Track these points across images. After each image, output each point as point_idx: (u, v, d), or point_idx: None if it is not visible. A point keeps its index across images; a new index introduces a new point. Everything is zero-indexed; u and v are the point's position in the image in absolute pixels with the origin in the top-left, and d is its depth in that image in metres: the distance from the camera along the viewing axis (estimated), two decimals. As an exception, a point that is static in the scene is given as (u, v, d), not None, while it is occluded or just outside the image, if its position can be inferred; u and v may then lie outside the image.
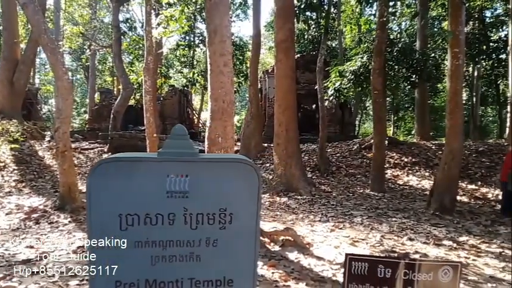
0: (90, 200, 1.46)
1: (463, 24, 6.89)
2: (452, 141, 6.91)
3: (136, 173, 1.48)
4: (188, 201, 1.50)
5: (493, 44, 17.18)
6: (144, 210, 1.48)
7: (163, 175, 1.48)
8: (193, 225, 1.52)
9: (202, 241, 1.53)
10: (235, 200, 1.56)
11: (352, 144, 13.04)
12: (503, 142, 12.34)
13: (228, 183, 1.55)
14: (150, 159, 1.53)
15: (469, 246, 4.99)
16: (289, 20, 8.74)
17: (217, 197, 1.54)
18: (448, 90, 7.08)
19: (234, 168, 1.57)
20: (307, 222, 6.06)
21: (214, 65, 4.53)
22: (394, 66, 10.71)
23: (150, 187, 1.49)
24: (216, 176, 1.54)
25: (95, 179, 1.46)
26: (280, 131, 8.78)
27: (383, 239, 5.15)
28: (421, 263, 1.94)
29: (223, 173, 1.55)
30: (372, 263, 1.94)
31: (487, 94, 22.03)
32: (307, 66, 17.38)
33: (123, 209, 1.47)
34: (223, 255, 1.56)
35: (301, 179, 8.72)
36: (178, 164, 1.51)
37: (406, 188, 9.59)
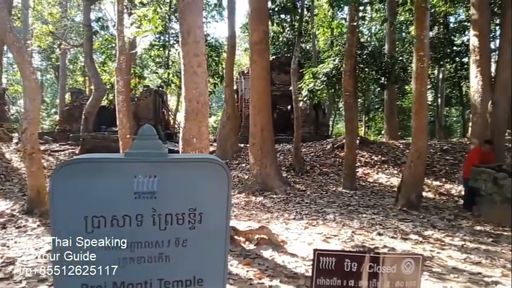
0: (53, 202, 1.43)
1: (428, 29, 7.20)
2: (417, 140, 7.20)
3: (102, 174, 1.46)
4: (157, 202, 1.50)
5: (457, 48, 17.88)
6: (111, 212, 1.47)
7: (130, 176, 1.48)
8: (162, 226, 1.52)
9: (171, 241, 1.53)
10: (205, 200, 1.57)
11: (325, 144, 13.31)
12: (466, 141, 12.90)
13: (197, 183, 1.56)
14: (117, 160, 1.53)
15: (434, 240, 5.23)
16: (263, 22, 8.86)
17: (187, 197, 1.54)
18: (413, 92, 7.38)
19: (203, 168, 1.59)
20: (282, 220, 6.18)
21: (188, 65, 4.57)
22: (364, 68, 11.02)
23: (117, 188, 1.47)
24: (185, 176, 1.55)
25: (59, 181, 1.43)
26: (255, 131, 8.88)
27: (354, 235, 5.32)
28: (385, 257, 2.04)
29: (192, 172, 1.57)
30: (339, 258, 2.01)
31: (451, 95, 22.91)
32: (282, 67, 17.60)
33: (89, 211, 1.45)
34: (193, 255, 1.57)
35: (277, 179, 8.86)
36: (146, 164, 1.51)
37: (376, 185, 9.90)
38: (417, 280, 1.97)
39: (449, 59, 17.75)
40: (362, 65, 10.97)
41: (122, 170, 1.52)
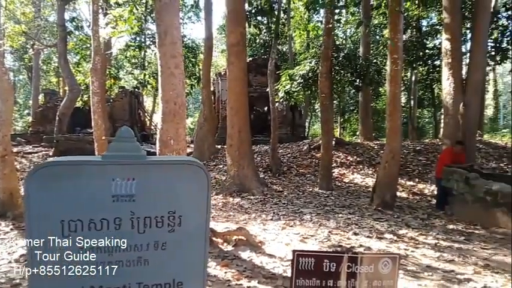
0: (29, 205, 1.40)
1: (402, 32, 7.39)
2: (392, 141, 7.37)
3: (79, 177, 1.44)
4: (135, 205, 1.48)
5: (429, 51, 18.44)
6: (89, 216, 1.44)
7: (108, 179, 1.46)
8: (140, 229, 1.50)
9: (150, 245, 1.52)
10: (184, 202, 1.56)
11: (302, 145, 13.44)
12: (438, 142, 13.31)
13: (176, 186, 1.55)
14: (95, 163, 1.50)
15: (408, 239, 5.35)
16: (240, 24, 8.87)
17: (166, 200, 1.53)
18: (387, 94, 7.55)
19: (182, 170, 1.58)
20: (260, 221, 6.20)
21: (165, 66, 4.53)
22: (340, 71, 11.21)
23: (94, 191, 1.45)
24: (164, 179, 1.54)
25: (35, 184, 1.40)
26: (233, 132, 8.88)
27: (330, 235, 5.39)
28: (363, 256, 2.07)
29: (171, 175, 1.55)
30: (318, 258, 2.03)
31: (424, 97, 23.61)
32: (259, 69, 17.67)
33: (66, 215, 1.42)
34: (172, 258, 1.55)
35: (254, 180, 8.88)
36: (125, 167, 1.49)
37: (351, 185, 10.07)
38: (394, 279, 2.01)
39: (421, 62, 18.27)
40: (338, 67, 11.16)
41: (100, 173, 1.49)
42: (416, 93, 22.82)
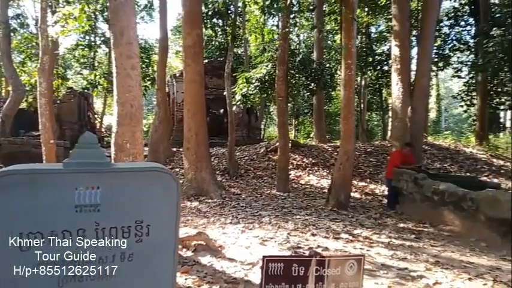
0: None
1: (355, 39, 7.68)
2: (346, 144, 7.62)
3: (39, 187, 1.34)
4: (100, 215, 1.41)
5: (378, 57, 19.35)
6: (49, 228, 1.35)
7: (71, 188, 1.37)
8: (106, 241, 1.43)
9: (116, 256, 1.45)
10: (152, 211, 1.50)
11: (259, 147, 13.53)
12: (387, 143, 13.97)
13: (144, 194, 1.49)
14: (55, 171, 1.41)
15: (363, 238, 5.53)
16: (197, 25, 8.77)
17: (133, 209, 1.47)
18: (342, 98, 7.80)
19: (150, 178, 1.52)
20: (219, 225, 6.14)
21: (121, 67, 4.35)
22: (295, 74, 11.44)
23: (55, 202, 1.36)
24: (131, 187, 1.47)
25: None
26: (189, 135, 8.74)
27: (289, 236, 5.44)
28: (331, 259, 2.11)
29: (138, 183, 1.49)
30: (286, 263, 2.03)
31: (372, 101, 24.74)
32: (215, 71, 17.60)
33: (25, 227, 1.32)
34: (140, 270, 1.49)
35: (212, 183, 8.79)
36: (88, 175, 1.41)
37: (307, 187, 10.28)
38: (359, 280, 2.06)
39: (371, 67, 19.09)
40: (293, 71, 11.38)
41: (61, 182, 1.39)
42: (366, 97, 23.85)
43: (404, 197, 7.39)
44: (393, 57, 9.51)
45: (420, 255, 4.75)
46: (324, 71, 12.13)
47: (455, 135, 22.75)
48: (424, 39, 9.43)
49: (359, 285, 2.05)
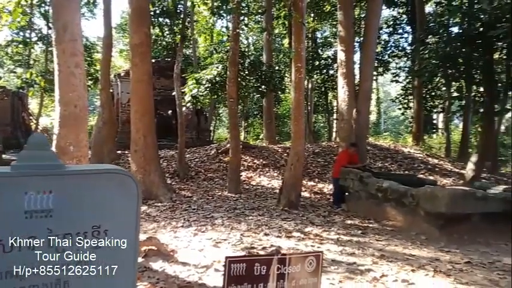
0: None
1: (304, 42, 7.90)
2: (296, 145, 7.80)
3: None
4: (53, 221, 1.31)
5: (324, 62, 20.07)
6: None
7: (20, 192, 1.27)
8: (59, 248, 1.33)
9: (71, 265, 1.36)
10: (111, 215, 1.43)
11: (209, 149, 13.42)
12: (333, 144, 14.51)
13: (101, 197, 1.41)
14: (2, 175, 1.28)
15: (314, 236, 5.68)
16: (144, 23, 8.51)
17: (89, 213, 1.39)
18: (292, 100, 7.98)
19: (108, 180, 1.44)
20: (170, 229, 6.00)
21: (64, 65, 4.11)
22: (245, 76, 11.50)
23: (3, 208, 1.25)
24: (87, 190, 1.39)
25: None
26: (137, 137, 8.45)
27: (243, 237, 5.46)
28: (291, 257, 2.14)
29: (95, 186, 1.41)
30: (249, 263, 2.03)
31: (319, 104, 25.60)
32: (162, 72, 17.18)
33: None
34: (98, 278, 1.41)
35: (161, 186, 8.57)
36: (39, 178, 1.31)
37: (259, 188, 10.37)
38: (318, 276, 2.12)
39: (317, 71, 19.72)
40: (243, 73, 11.43)
41: (9, 186, 1.28)
42: (313, 100, 24.61)
43: (351, 195, 7.71)
44: (339, 61, 9.90)
45: (367, 250, 4.98)
46: (274, 74, 12.32)
47: (394, 136, 24.16)
48: (367, 45, 9.94)
49: (318, 280, 2.11)
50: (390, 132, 31.26)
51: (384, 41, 20.58)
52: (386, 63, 21.01)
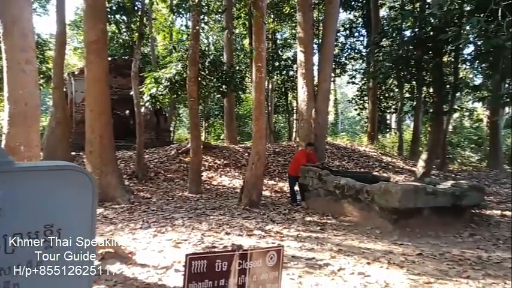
0: None
1: (265, 42, 7.97)
2: (257, 144, 7.86)
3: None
4: (1, 221, 1.26)
5: (284, 62, 20.35)
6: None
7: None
8: (8, 249, 1.28)
9: (22, 266, 1.30)
10: (65, 214, 1.38)
11: (169, 149, 13.20)
12: (293, 144, 14.76)
13: (54, 195, 1.36)
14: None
15: (274, 233, 5.77)
16: (100, 19, 8.22)
17: (41, 212, 1.34)
18: (253, 100, 8.03)
19: (61, 177, 1.39)
20: (128, 231, 5.85)
21: (13, 61, 3.92)
22: (206, 76, 11.43)
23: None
24: (39, 188, 1.34)
25: None
26: (93, 137, 8.15)
27: (204, 237, 5.44)
28: (252, 252, 2.16)
29: (47, 183, 1.36)
30: (210, 260, 2.03)
31: (279, 104, 25.94)
32: (120, 70, 16.67)
33: None
34: (51, 280, 1.36)
35: (119, 187, 8.32)
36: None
37: (220, 187, 10.34)
38: (279, 270, 2.16)
39: (278, 72, 19.96)
40: (204, 73, 11.35)
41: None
42: (273, 100, 24.89)
43: (310, 193, 7.88)
44: (299, 62, 10.09)
45: (325, 245, 5.13)
46: (235, 74, 12.33)
47: (350, 136, 24.97)
48: (325, 46, 10.20)
49: (278, 274, 2.15)
50: (347, 132, 32.24)
51: (341, 44, 21.23)
52: (343, 65, 21.69)
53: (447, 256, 4.73)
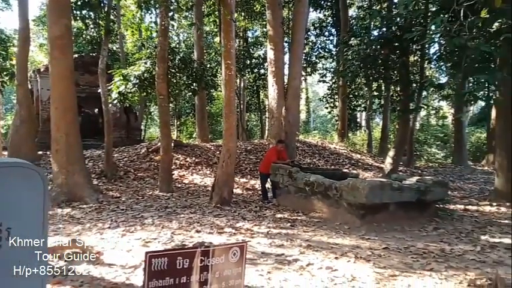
0: None
1: (234, 40, 7.96)
2: (228, 142, 7.85)
3: None
4: None
5: (255, 60, 20.39)
6: None
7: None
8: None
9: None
10: (14, 212, 1.34)
11: (139, 148, 12.97)
12: (265, 142, 14.84)
13: (3, 193, 1.32)
14: None
15: (245, 230, 5.79)
16: (64, 14, 7.95)
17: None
18: (223, 97, 8.01)
19: (11, 175, 1.35)
20: (96, 231, 5.71)
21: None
22: (176, 73, 11.29)
23: None
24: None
25: None
26: (58, 136, 7.90)
27: (173, 235, 5.39)
28: (215, 248, 2.15)
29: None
30: (171, 257, 2.01)
31: (251, 102, 25.99)
32: (87, 67, 16.23)
33: None
34: (0, 280, 1.32)
35: (86, 187, 8.10)
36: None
37: (191, 186, 10.26)
38: (242, 266, 2.17)
39: (249, 70, 19.98)
40: (174, 70, 11.22)
41: None
42: (245, 99, 24.89)
43: (280, 190, 7.95)
44: (269, 60, 10.14)
45: (295, 241, 5.19)
46: (205, 71, 12.25)
47: (322, 134, 25.36)
48: (295, 44, 10.30)
49: (242, 270, 2.16)
50: (319, 130, 32.70)
51: (312, 43, 21.49)
52: (314, 63, 21.97)
53: (412, 249, 4.89)
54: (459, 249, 4.93)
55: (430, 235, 5.74)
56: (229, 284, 2.10)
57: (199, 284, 2.03)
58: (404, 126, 11.97)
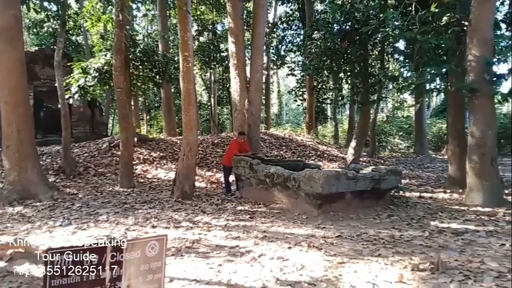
0: None
1: (191, 31, 7.82)
2: (188, 134, 7.74)
3: None
4: None
5: (223, 54, 20.25)
6: None
7: None
8: None
9: None
10: None
11: (101, 143, 12.62)
12: (232, 135, 14.79)
13: None
14: None
15: (203, 224, 5.74)
16: (12, 5, 7.58)
17: None
18: (182, 90, 7.88)
19: None
20: (45, 229, 5.52)
21: None
22: (138, 66, 11.04)
23: None
24: None
25: None
26: (9, 131, 7.56)
27: (127, 232, 5.29)
28: (128, 243, 2.08)
29: None
30: (76, 253, 1.93)
31: (222, 96, 25.83)
32: (48, 60, 15.59)
33: None
34: None
35: (41, 184, 7.80)
36: None
37: (154, 180, 10.09)
38: (162, 260, 2.11)
39: (217, 63, 19.83)
40: (136, 63, 10.96)
41: None
42: (216, 92, 24.71)
43: (243, 182, 7.93)
44: (230, 53, 10.07)
45: (251, 233, 5.19)
46: (169, 64, 12.02)
47: (294, 127, 25.59)
48: (256, 37, 10.23)
49: (161, 264, 2.10)
50: (291, 123, 32.96)
51: (280, 37, 21.54)
52: (283, 57, 22.04)
53: (363, 237, 4.97)
54: (408, 235, 5.05)
55: (383, 222, 5.86)
56: (147, 279, 2.05)
57: (111, 280, 1.96)
58: (364, 117, 12.20)
